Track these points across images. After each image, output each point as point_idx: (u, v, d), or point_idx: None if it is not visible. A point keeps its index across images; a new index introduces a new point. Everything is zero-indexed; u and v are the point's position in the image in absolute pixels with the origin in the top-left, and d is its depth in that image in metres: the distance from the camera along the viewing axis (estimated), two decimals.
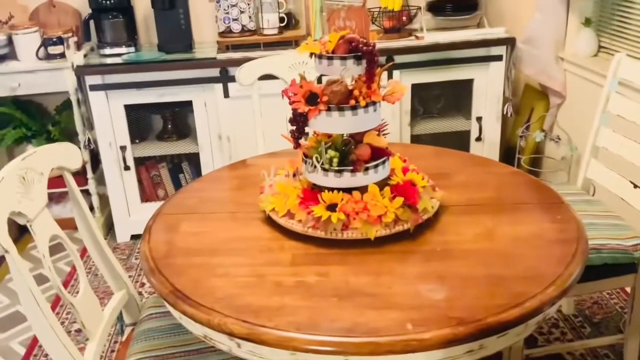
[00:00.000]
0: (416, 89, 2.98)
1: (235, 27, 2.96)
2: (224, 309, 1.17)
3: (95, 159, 3.06)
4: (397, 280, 1.25)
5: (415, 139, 3.08)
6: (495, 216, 1.50)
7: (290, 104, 1.43)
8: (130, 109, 2.89)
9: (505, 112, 3.06)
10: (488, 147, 3.11)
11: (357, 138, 1.50)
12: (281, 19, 2.97)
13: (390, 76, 2.84)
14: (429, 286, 1.23)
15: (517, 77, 3.26)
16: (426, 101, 3.25)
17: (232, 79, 2.80)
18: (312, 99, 1.39)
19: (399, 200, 1.40)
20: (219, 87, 2.84)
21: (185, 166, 3.13)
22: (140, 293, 2.65)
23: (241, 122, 2.87)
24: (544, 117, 3.11)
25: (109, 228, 3.19)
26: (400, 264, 1.31)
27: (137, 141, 3.04)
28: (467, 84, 3.03)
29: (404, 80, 2.86)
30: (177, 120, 3.13)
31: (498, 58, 2.96)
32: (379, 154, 1.48)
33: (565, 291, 1.22)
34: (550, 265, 1.28)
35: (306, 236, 1.41)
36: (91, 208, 3.10)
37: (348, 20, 1.35)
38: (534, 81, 3.20)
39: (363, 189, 1.44)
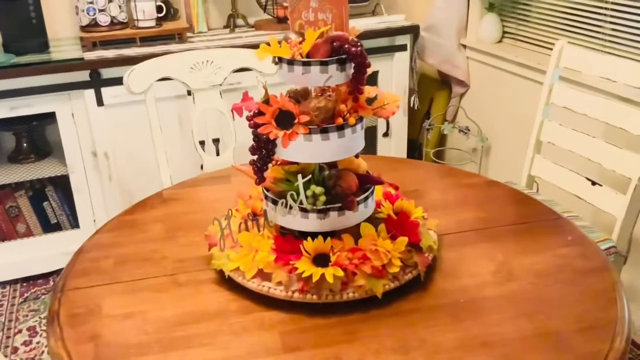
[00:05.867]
0: None
1: (103, 19, 2.44)
2: None
3: None
4: (435, 358, 0.95)
5: None
6: (500, 244, 1.25)
7: (252, 126, 1.06)
8: None
9: (412, 105, 2.88)
10: (396, 142, 2.91)
11: (329, 164, 1.16)
12: (158, 9, 2.50)
13: None
14: None
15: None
16: None
17: (106, 82, 2.31)
18: (285, 119, 1.03)
19: (403, 240, 1.10)
20: (89, 93, 2.31)
21: (51, 192, 2.54)
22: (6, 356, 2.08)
23: (122, 134, 2.38)
24: (448, 107, 2.98)
25: None
26: (427, 330, 1.00)
27: None
28: (372, 77, 2.79)
29: None
30: (35, 136, 2.53)
31: (402, 48, 2.75)
32: (362, 181, 1.16)
33: (629, 339, 1.00)
34: (600, 307, 1.05)
35: (287, 301, 1.06)
36: None
37: (321, 11, 1.01)
38: (433, 70, 3.05)
39: (354, 231, 1.11)
